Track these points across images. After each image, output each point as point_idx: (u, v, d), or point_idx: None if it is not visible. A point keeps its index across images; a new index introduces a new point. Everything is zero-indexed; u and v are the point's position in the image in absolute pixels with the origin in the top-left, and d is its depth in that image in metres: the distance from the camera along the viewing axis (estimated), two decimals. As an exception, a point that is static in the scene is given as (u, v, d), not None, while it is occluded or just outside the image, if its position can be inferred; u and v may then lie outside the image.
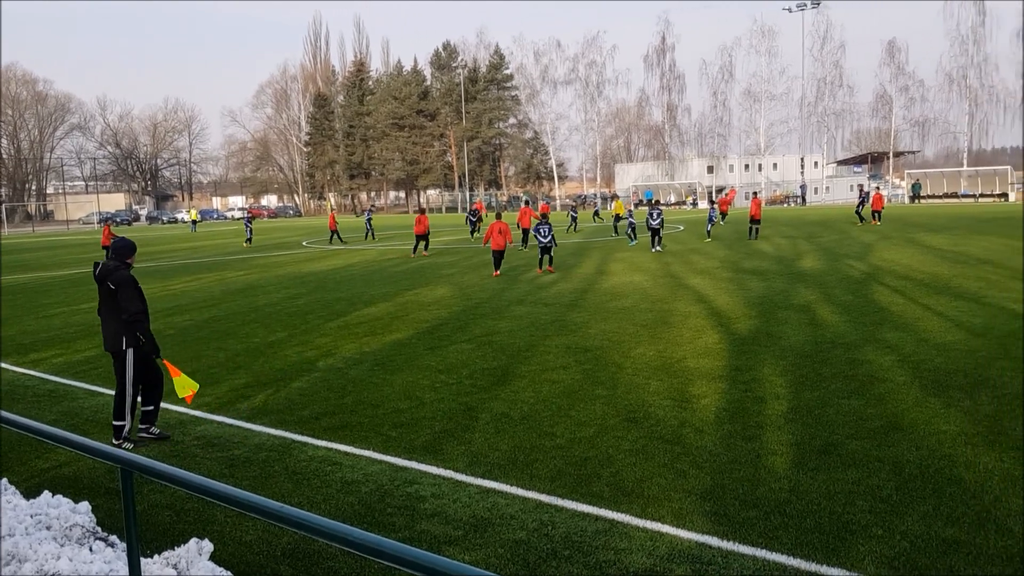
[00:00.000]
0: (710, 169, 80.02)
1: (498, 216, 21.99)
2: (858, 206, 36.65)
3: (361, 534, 2.45)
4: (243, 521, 5.34)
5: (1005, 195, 62.29)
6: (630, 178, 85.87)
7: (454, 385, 8.90)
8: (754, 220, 29.82)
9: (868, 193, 37.16)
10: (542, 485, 5.80)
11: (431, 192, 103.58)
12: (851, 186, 78.81)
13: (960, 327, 10.96)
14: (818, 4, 71.84)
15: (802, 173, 76.04)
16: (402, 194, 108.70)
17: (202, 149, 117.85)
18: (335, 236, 36.68)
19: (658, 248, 25.47)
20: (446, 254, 28.18)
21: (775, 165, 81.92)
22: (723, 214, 39.74)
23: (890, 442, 6.38)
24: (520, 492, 5.70)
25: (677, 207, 72.75)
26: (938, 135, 75.93)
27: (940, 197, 66.05)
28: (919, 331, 10.81)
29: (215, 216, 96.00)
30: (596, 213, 52.60)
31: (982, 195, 63.48)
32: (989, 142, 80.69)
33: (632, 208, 39.45)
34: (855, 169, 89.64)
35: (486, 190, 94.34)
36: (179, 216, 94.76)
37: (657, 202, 28.52)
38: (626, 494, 5.58)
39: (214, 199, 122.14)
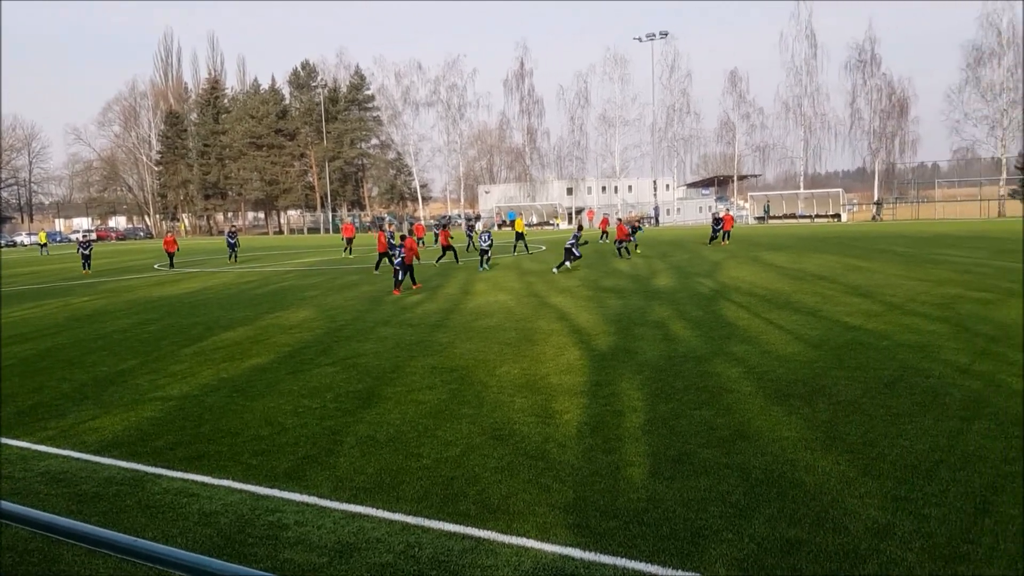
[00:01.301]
0: (569, 191, 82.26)
1: (410, 233, 22.23)
2: (714, 229, 38.55)
3: (221, 565, 2.40)
4: (93, 559, 5.06)
5: (838, 215, 67.13)
6: (493, 199, 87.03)
7: (318, 409, 8.74)
8: (620, 241, 31.31)
9: (720, 216, 39.18)
10: (408, 507, 5.80)
11: (292, 212, 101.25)
12: (700, 208, 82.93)
13: (799, 339, 11.73)
14: (665, 35, 75.73)
15: (655, 195, 79.37)
16: (261, 215, 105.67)
17: (43, 168, 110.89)
18: (171, 259, 34.65)
19: (485, 268, 27.06)
20: (311, 275, 27.60)
21: (630, 187, 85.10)
22: (605, 233, 40.94)
23: (738, 450, 6.76)
24: (386, 515, 5.67)
25: (540, 228, 74.20)
26: (777, 159, 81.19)
27: (780, 217, 70.36)
28: (763, 344, 11.50)
29: (58, 239, 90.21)
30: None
31: (817, 215, 68.16)
32: (823, 166, 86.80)
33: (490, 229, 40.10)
34: (703, 192, 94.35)
35: (349, 210, 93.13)
36: (18, 239, 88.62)
37: (510, 223, 29.43)
38: (492, 511, 5.66)
39: (57, 221, 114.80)
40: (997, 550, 4.70)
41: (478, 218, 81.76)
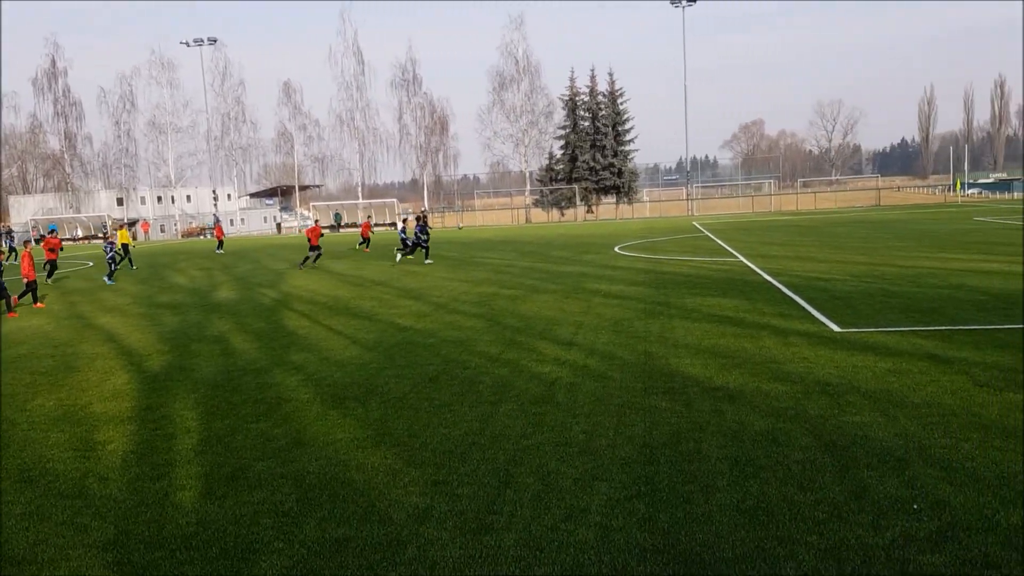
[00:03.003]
0: (120, 201, 75.49)
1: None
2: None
3: None
4: None
5: (394, 224, 70.93)
6: (28, 211, 76.26)
7: None
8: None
9: (337, 221, 39.02)
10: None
11: None
12: (264, 218, 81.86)
13: (356, 343, 12.23)
14: (214, 41, 73.52)
15: (215, 205, 76.44)
16: None
17: None
18: None
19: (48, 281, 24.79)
20: None
21: (189, 197, 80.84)
22: (366, 240, 38.19)
23: (293, 458, 6.85)
24: None
25: (86, 241, 66.86)
26: (336, 170, 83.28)
27: (347, 227, 72.41)
28: (322, 350, 11.77)
29: None
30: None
31: (377, 224, 71.39)
32: (379, 177, 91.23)
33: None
34: (267, 202, 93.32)
35: None
36: None
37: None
38: (16, 563, 5.02)
39: None
40: (516, 516, 5.40)
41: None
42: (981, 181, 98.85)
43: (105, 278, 25.85)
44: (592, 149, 70.77)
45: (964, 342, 10.08)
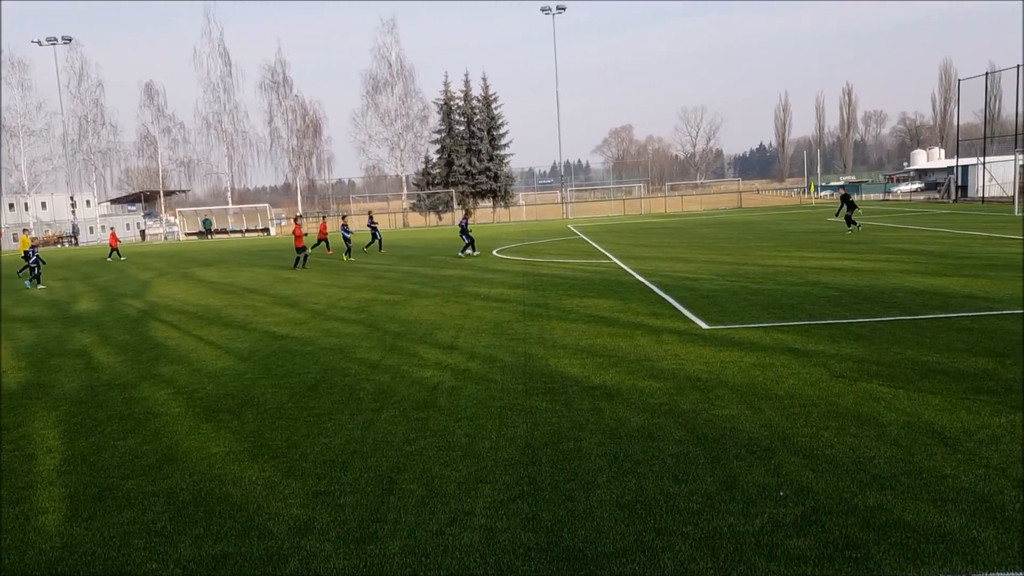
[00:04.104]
0: (-34, 209, 70.25)
1: None
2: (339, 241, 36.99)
3: None
4: None
5: (267, 229, 69.14)
6: None
7: None
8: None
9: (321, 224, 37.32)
10: None
11: None
12: (128, 224, 77.97)
13: (230, 353, 11.84)
14: (69, 40, 69.68)
15: (73, 212, 72.25)
16: None
17: None
18: None
19: None
20: None
21: (44, 204, 76.02)
22: (323, 240, 36.08)
23: (165, 474, 6.57)
24: None
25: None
26: (204, 175, 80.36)
27: (217, 232, 69.87)
28: (193, 362, 11.33)
29: None
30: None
31: (248, 230, 69.34)
32: (250, 181, 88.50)
33: None
34: (129, 208, 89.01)
35: None
36: None
37: None
38: None
39: None
40: (400, 523, 5.37)
41: None
42: (832, 184, 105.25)
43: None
44: (468, 153, 71.05)
45: (821, 336, 10.71)
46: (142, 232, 75.83)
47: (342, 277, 23.23)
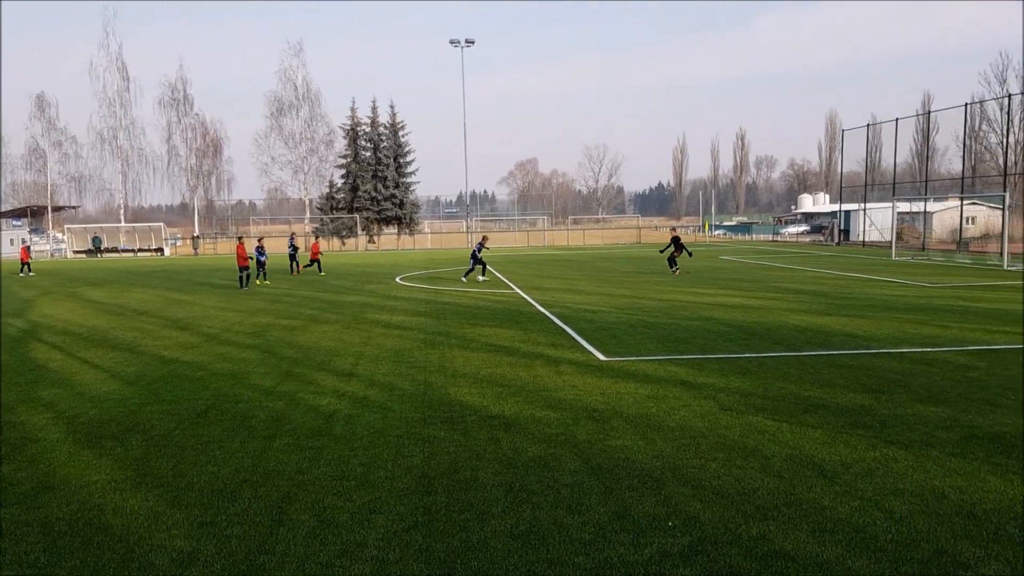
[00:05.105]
0: None
1: None
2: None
3: None
4: None
5: (161, 249, 66.75)
6: None
7: None
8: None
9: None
10: None
11: None
12: (11, 240, 73.88)
13: (116, 377, 11.36)
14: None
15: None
16: None
17: None
18: None
19: None
20: None
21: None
22: (315, 261, 34.61)
23: (41, 503, 6.24)
24: None
25: None
26: (96, 191, 77.25)
27: (107, 251, 67.03)
28: (76, 385, 10.82)
29: None
30: None
31: (141, 249, 66.79)
32: (144, 199, 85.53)
33: None
34: (14, 223, 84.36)
35: None
36: None
37: None
38: None
39: None
40: (289, 555, 5.25)
41: None
42: (726, 223, 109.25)
43: None
44: (374, 179, 70.57)
45: (712, 369, 11.07)
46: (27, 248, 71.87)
47: (238, 300, 22.63)
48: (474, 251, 28.50)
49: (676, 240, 29.14)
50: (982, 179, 60.74)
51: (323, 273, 33.97)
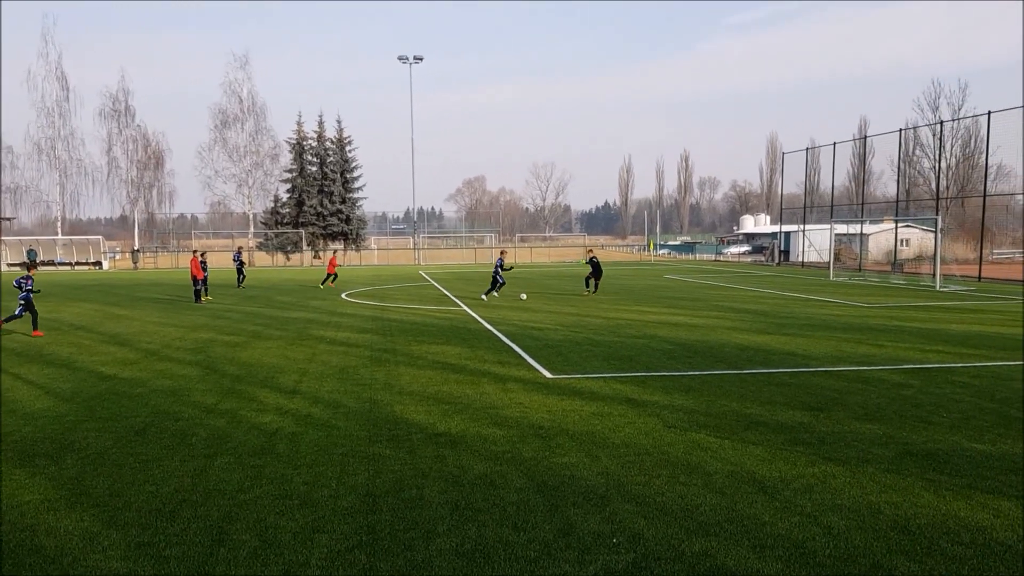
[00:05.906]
0: None
1: None
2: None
3: None
4: None
5: (99, 263, 65.10)
6: None
7: None
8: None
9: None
10: None
11: None
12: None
13: (50, 394, 11.03)
14: None
15: None
16: None
17: None
18: None
19: None
20: None
21: None
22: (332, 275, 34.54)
23: (-33, 526, 6.02)
24: None
25: None
26: (31, 203, 75.07)
27: (42, 264, 65.05)
28: (8, 402, 10.47)
29: None
30: None
31: (78, 263, 65.05)
32: (83, 212, 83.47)
33: None
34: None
35: None
36: None
37: None
38: None
39: None
40: (228, 575, 5.16)
41: None
42: (670, 243, 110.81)
43: None
44: (320, 194, 69.92)
45: (656, 387, 11.21)
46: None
47: (179, 315, 22.18)
48: (495, 268, 27.64)
49: (593, 261, 29.15)
50: (915, 202, 62.87)
51: (332, 285, 34.87)
